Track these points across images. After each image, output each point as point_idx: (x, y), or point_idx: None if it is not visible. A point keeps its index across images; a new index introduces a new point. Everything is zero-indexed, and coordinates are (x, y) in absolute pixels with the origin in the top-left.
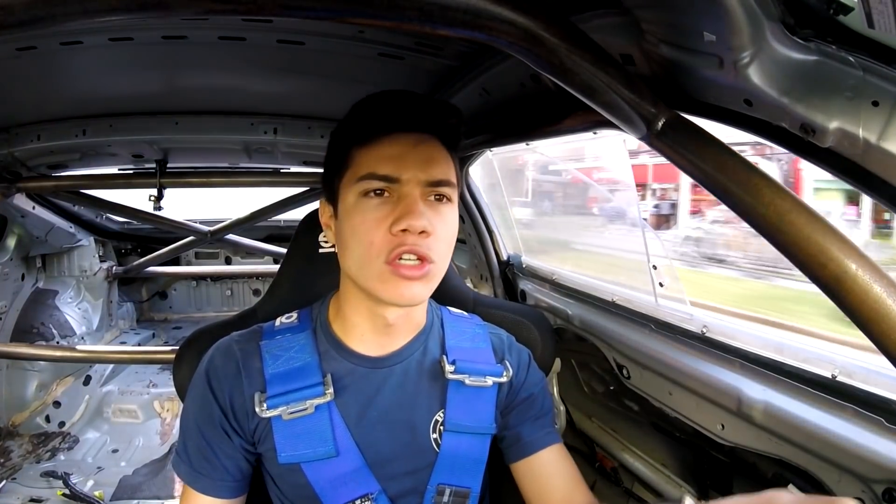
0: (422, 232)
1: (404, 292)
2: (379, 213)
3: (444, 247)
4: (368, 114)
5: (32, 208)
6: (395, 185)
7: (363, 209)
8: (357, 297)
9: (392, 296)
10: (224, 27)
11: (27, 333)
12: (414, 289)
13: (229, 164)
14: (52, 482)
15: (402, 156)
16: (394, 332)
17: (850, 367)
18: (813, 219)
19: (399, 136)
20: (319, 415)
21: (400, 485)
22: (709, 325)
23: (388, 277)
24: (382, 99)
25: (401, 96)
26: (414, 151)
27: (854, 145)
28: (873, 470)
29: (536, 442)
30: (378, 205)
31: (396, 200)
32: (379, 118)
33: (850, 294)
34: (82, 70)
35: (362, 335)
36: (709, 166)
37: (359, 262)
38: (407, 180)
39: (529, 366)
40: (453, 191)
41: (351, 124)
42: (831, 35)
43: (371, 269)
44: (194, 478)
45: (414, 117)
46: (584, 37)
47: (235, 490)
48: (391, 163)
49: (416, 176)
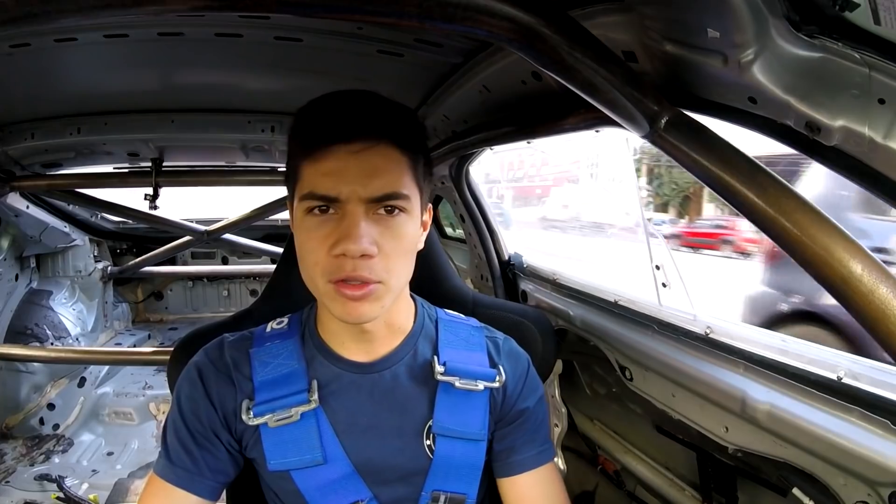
0: (363, 255)
1: (351, 312)
2: (321, 231)
3: (395, 263)
4: (308, 124)
5: (26, 207)
6: (335, 203)
7: (307, 227)
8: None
9: (341, 315)
10: (221, 24)
11: (21, 334)
12: (361, 309)
13: (226, 163)
14: (46, 485)
15: (340, 171)
16: (372, 338)
17: (856, 369)
18: (818, 218)
19: (339, 148)
20: (306, 422)
21: (393, 491)
22: (713, 326)
23: (334, 297)
24: (321, 106)
25: (339, 100)
26: (354, 164)
27: (859, 144)
28: (879, 473)
29: (527, 462)
30: (320, 223)
31: (340, 218)
32: (317, 129)
33: (856, 294)
34: (77, 67)
35: (343, 342)
36: (713, 165)
37: (308, 279)
38: (347, 198)
39: (527, 375)
40: (407, 201)
41: (295, 136)
42: (837, 32)
43: (318, 287)
44: (170, 470)
45: (352, 125)
46: (586, 33)
47: (209, 491)
48: (329, 180)
49: (356, 192)
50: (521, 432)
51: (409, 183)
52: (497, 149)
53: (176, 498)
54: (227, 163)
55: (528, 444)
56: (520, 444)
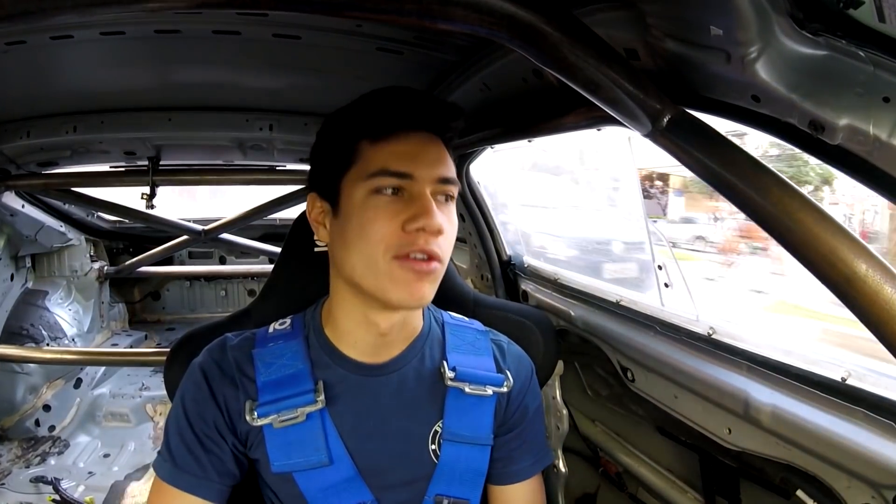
0: (437, 231)
1: (414, 291)
2: (391, 209)
3: (450, 247)
4: (380, 109)
5: (22, 207)
6: (408, 182)
7: (374, 205)
8: (350, 303)
9: (401, 296)
10: (218, 21)
11: (16, 335)
12: (424, 288)
13: (224, 162)
14: (42, 487)
15: (415, 153)
16: (387, 339)
17: (861, 370)
18: (822, 218)
19: (411, 134)
20: (311, 423)
21: (396, 495)
22: (715, 326)
23: (398, 275)
24: (393, 95)
25: (412, 94)
26: (425, 150)
27: (864, 142)
28: (883, 475)
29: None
30: (390, 201)
31: (408, 199)
32: (392, 114)
33: (861, 295)
34: (73, 65)
35: (355, 342)
36: (715, 164)
37: (366, 260)
38: (420, 178)
39: (530, 382)
40: (457, 189)
41: (359, 118)
42: (841, 29)
43: (379, 266)
44: (177, 475)
45: (425, 116)
46: (588, 31)
47: (218, 494)
48: (405, 160)
49: (430, 174)
50: (520, 442)
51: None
52: (497, 148)
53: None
54: (224, 162)
55: (525, 455)
56: (517, 455)
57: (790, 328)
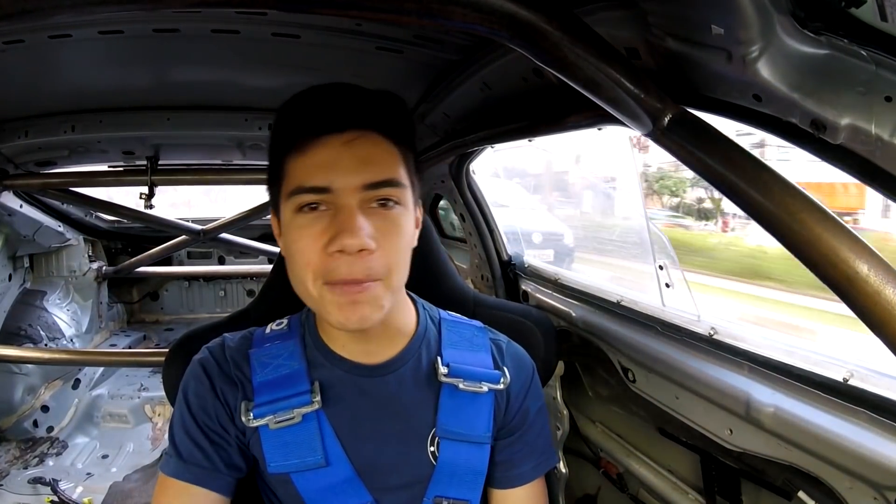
0: (361, 250)
1: (350, 316)
2: (313, 229)
3: (394, 259)
4: (294, 118)
5: (20, 206)
6: (327, 196)
7: (298, 226)
8: None
9: (339, 321)
10: (217, 20)
11: (14, 335)
12: (362, 311)
13: (223, 161)
14: (40, 489)
15: (333, 162)
16: (371, 339)
17: (863, 371)
18: (824, 217)
19: (329, 139)
20: (307, 424)
21: (395, 497)
22: (717, 327)
23: (329, 301)
24: (307, 98)
25: (325, 92)
26: (347, 153)
27: (866, 142)
28: (886, 476)
29: (524, 475)
30: (312, 220)
31: (333, 214)
32: (304, 121)
33: (862, 295)
34: (71, 64)
35: (344, 344)
36: (717, 163)
37: (300, 285)
38: (341, 189)
39: (531, 382)
40: (402, 191)
41: (279, 132)
42: (843, 28)
43: (311, 293)
44: (184, 469)
45: (343, 114)
46: (588, 30)
47: (226, 486)
48: (321, 171)
49: (350, 182)
50: (521, 445)
51: (403, 173)
52: (498, 147)
53: (194, 495)
54: (223, 161)
55: (528, 458)
56: (519, 458)
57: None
